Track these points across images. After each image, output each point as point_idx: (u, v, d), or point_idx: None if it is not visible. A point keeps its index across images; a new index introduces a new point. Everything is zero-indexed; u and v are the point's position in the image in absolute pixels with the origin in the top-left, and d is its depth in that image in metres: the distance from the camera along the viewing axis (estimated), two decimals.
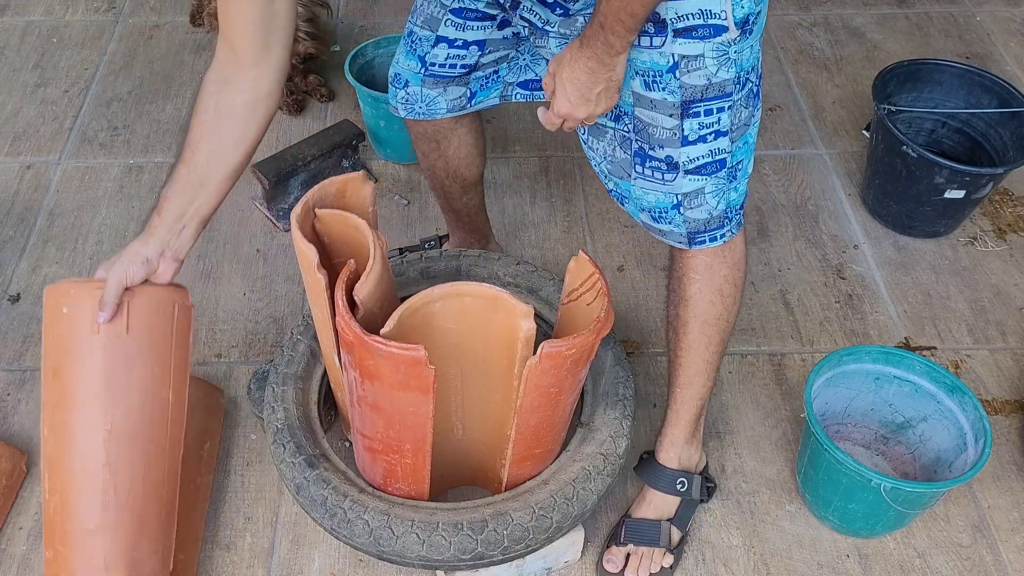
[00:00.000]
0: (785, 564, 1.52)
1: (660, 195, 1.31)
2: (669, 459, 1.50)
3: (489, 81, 1.49)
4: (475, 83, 1.49)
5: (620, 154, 1.30)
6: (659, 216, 1.33)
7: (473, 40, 1.41)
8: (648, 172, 1.29)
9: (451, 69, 1.45)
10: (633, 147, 1.28)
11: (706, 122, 1.23)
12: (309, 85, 2.37)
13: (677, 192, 1.29)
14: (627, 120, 1.26)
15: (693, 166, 1.26)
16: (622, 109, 1.26)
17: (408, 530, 1.27)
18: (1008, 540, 1.55)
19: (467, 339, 1.23)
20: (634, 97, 1.23)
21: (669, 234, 1.35)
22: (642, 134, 1.26)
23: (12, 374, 1.76)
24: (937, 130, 2.12)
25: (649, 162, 1.28)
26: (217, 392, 1.69)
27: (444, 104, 1.50)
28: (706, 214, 1.32)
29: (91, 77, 2.44)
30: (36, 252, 1.99)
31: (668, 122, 1.23)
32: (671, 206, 1.31)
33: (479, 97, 1.51)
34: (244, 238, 2.03)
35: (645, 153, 1.27)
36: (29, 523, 1.54)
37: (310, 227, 1.28)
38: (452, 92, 1.49)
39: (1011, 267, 2.00)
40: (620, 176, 1.33)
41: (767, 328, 1.87)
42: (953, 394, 1.50)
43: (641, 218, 1.36)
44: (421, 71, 1.46)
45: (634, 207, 1.36)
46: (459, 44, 1.41)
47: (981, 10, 2.71)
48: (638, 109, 1.24)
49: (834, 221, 2.10)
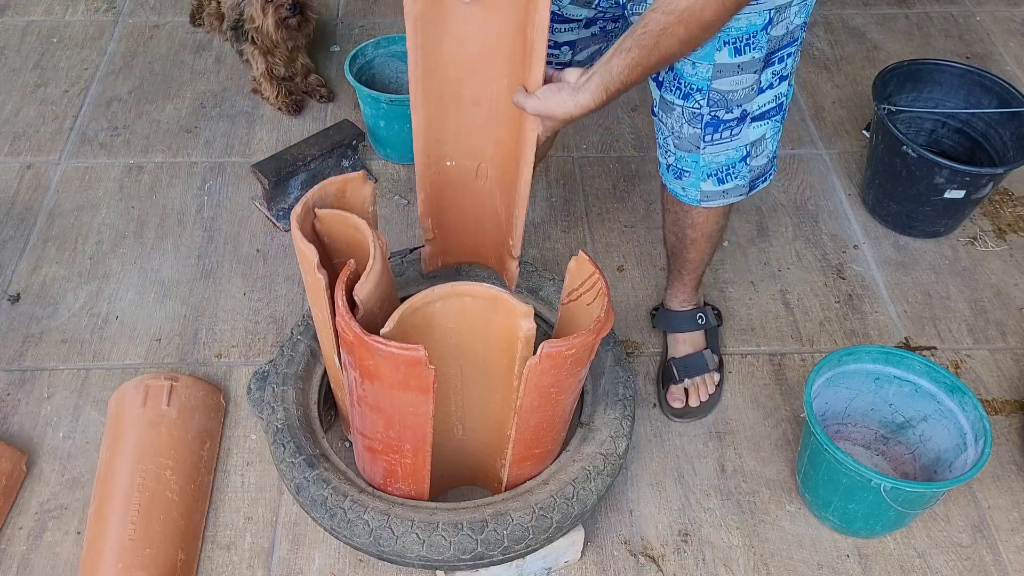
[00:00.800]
0: (785, 564, 1.52)
1: (731, 151, 1.39)
2: (684, 305, 1.74)
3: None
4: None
5: (688, 130, 1.37)
6: (726, 175, 1.42)
7: (564, 41, 1.46)
8: (719, 136, 1.36)
9: (547, 65, 1.47)
10: (704, 120, 1.35)
11: (777, 69, 1.32)
12: (309, 85, 2.37)
13: (745, 143, 1.38)
14: (699, 96, 1.32)
15: (759, 112, 1.35)
16: (694, 86, 1.31)
17: (408, 530, 1.27)
18: (1008, 540, 1.55)
19: (467, 339, 1.23)
20: (715, 70, 1.28)
21: (730, 191, 1.46)
22: (717, 104, 1.32)
23: (12, 374, 1.76)
24: (937, 130, 2.12)
25: (721, 127, 1.35)
26: (217, 393, 1.69)
27: None
28: (766, 159, 1.42)
29: (91, 77, 2.44)
30: (36, 252, 1.99)
31: (749, 79, 1.30)
32: (740, 159, 1.41)
33: None
34: (244, 238, 2.03)
35: (719, 120, 1.35)
36: (29, 523, 1.54)
37: (310, 227, 1.28)
38: None
39: (1011, 267, 2.00)
40: (688, 149, 1.40)
41: (767, 328, 1.87)
42: (953, 394, 1.50)
43: (703, 188, 1.44)
44: None
45: (696, 177, 1.43)
46: (551, 45, 1.44)
47: (981, 10, 2.71)
48: (716, 81, 1.29)
49: (834, 221, 2.10)
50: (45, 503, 1.57)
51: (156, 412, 1.56)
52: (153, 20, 2.64)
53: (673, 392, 1.70)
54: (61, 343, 1.81)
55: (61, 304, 1.88)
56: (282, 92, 2.32)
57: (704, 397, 1.69)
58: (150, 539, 1.42)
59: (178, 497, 1.49)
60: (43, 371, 1.77)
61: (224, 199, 2.12)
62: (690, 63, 1.30)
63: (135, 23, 2.63)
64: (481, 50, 1.23)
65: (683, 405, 1.69)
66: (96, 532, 1.44)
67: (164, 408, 1.57)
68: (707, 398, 1.70)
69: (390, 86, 2.26)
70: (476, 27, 1.21)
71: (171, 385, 1.60)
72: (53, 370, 1.77)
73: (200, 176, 2.17)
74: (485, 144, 1.35)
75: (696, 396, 1.69)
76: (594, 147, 2.27)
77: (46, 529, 1.54)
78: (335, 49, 2.54)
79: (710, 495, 1.61)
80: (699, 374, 1.71)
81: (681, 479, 1.63)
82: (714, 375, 1.72)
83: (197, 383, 1.65)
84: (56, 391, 1.73)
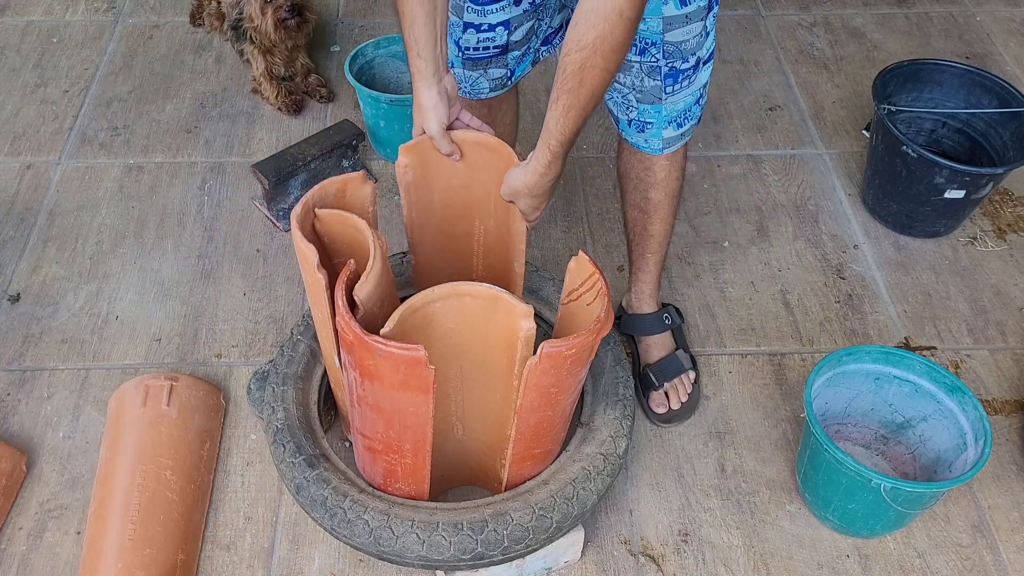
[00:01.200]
0: (785, 564, 1.52)
1: (688, 97, 1.45)
2: (649, 307, 1.76)
3: (524, 56, 1.56)
4: (513, 62, 1.55)
5: (649, 83, 1.41)
6: (684, 118, 1.48)
7: (497, 22, 1.46)
8: (679, 86, 1.42)
9: (485, 51, 1.50)
10: (663, 72, 1.39)
11: (716, 11, 1.38)
12: (309, 85, 2.37)
13: (699, 86, 1.46)
14: (654, 50, 1.36)
15: (708, 55, 1.41)
16: (648, 40, 1.36)
17: (408, 530, 1.27)
18: (1008, 540, 1.55)
19: (467, 339, 1.23)
20: (664, 23, 1.33)
21: (687, 132, 1.51)
22: (672, 55, 1.37)
23: (12, 374, 1.76)
24: (937, 130, 2.12)
25: (680, 76, 1.40)
26: (217, 393, 1.69)
27: (486, 84, 1.57)
28: (708, 94, 1.50)
29: (91, 77, 2.44)
30: (36, 252, 1.99)
31: (698, 27, 1.35)
32: (694, 101, 1.47)
33: (518, 73, 1.58)
34: (244, 238, 2.03)
35: (677, 70, 1.39)
36: (29, 523, 1.54)
37: (310, 227, 1.28)
38: (493, 72, 1.55)
39: (1011, 267, 2.00)
40: (650, 102, 1.44)
41: (767, 328, 1.87)
42: (953, 394, 1.50)
43: (664, 135, 1.49)
44: (459, 55, 1.52)
45: (659, 127, 1.48)
46: (485, 28, 1.46)
47: (981, 10, 2.71)
48: (669, 33, 1.34)
49: (834, 221, 2.10)
50: (45, 503, 1.57)
51: (156, 412, 1.56)
52: (153, 20, 2.64)
53: (655, 398, 1.70)
54: (61, 343, 1.81)
55: (61, 304, 1.89)
56: (282, 92, 2.32)
57: (684, 397, 1.70)
58: (150, 539, 1.42)
59: (178, 497, 1.49)
60: (43, 371, 1.77)
61: (224, 199, 2.12)
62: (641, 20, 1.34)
63: (135, 23, 2.63)
64: (468, 197, 1.40)
65: (667, 409, 1.69)
66: (96, 532, 1.44)
67: (164, 408, 1.57)
68: (687, 398, 1.70)
69: (390, 86, 2.26)
70: (462, 180, 1.38)
71: (171, 385, 1.60)
72: (53, 370, 1.77)
73: (200, 176, 2.17)
74: (477, 265, 1.52)
75: (676, 398, 1.70)
76: (594, 147, 2.27)
77: (46, 529, 1.54)
78: (335, 49, 2.54)
79: (710, 495, 1.61)
80: (676, 376, 1.71)
81: (681, 479, 1.63)
82: (690, 374, 1.73)
83: (197, 383, 1.65)
84: (56, 391, 1.73)
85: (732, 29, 2.63)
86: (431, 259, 1.49)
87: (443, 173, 1.37)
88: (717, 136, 2.30)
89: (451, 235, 1.47)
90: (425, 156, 1.35)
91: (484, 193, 1.39)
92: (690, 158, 2.23)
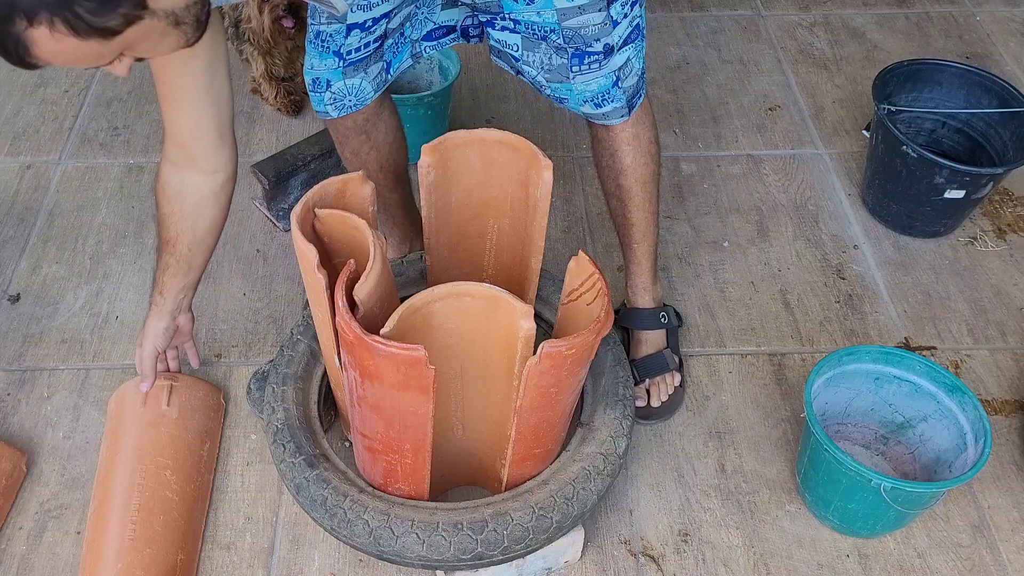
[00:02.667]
0: (785, 564, 1.52)
1: (601, 79, 1.45)
2: (646, 302, 1.75)
3: (399, 45, 1.53)
4: (388, 52, 1.52)
5: (557, 60, 1.43)
6: (602, 100, 1.49)
7: (382, 14, 1.42)
8: (586, 67, 1.43)
9: (366, 49, 1.47)
10: (568, 53, 1.41)
11: (628, 1, 1.38)
12: None
13: (614, 69, 1.45)
14: (555, 37, 1.39)
15: (622, 41, 1.41)
16: (548, 28, 1.38)
17: (408, 530, 1.27)
18: (1008, 540, 1.55)
19: (467, 339, 1.23)
20: (558, 15, 1.35)
21: (611, 113, 1.51)
22: (573, 40, 1.39)
23: (12, 374, 1.76)
24: (937, 130, 2.12)
25: (587, 58, 1.42)
26: (217, 393, 1.69)
27: (369, 86, 1.53)
28: (635, 78, 1.50)
29: (91, 77, 2.43)
30: (36, 252, 1.99)
31: (597, 17, 1.36)
32: (611, 84, 1.47)
33: (395, 64, 1.55)
34: (244, 238, 2.03)
35: (583, 52, 1.41)
36: (29, 523, 1.54)
37: (310, 227, 1.28)
38: (372, 71, 1.51)
39: (1011, 267, 2.00)
40: (560, 80, 1.46)
41: (767, 328, 1.87)
42: (953, 394, 1.50)
43: (583, 110, 1.50)
44: (340, 65, 1.48)
45: (576, 102, 1.49)
46: (369, 23, 1.42)
47: (981, 10, 2.71)
48: (564, 23, 1.36)
49: (834, 221, 2.10)
50: (45, 503, 1.57)
51: (156, 412, 1.56)
52: None
53: (637, 392, 1.68)
54: (61, 343, 1.81)
55: (61, 304, 1.89)
56: (281, 92, 2.32)
57: (664, 397, 1.69)
58: (150, 539, 1.42)
59: (178, 497, 1.49)
60: (43, 371, 1.77)
61: None
62: (535, 12, 1.37)
63: None
64: (484, 196, 1.41)
65: (645, 404, 1.69)
66: (96, 532, 1.44)
67: (164, 408, 1.57)
68: (667, 398, 1.70)
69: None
70: (480, 179, 1.38)
71: (171, 385, 1.60)
72: (53, 370, 1.77)
73: None
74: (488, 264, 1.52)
75: (657, 396, 1.69)
76: None
77: (46, 529, 1.54)
78: None
79: (710, 495, 1.61)
80: (659, 374, 1.71)
81: (681, 479, 1.63)
82: (675, 375, 1.72)
83: (197, 383, 1.65)
84: (56, 391, 1.73)
85: (732, 29, 2.63)
86: (445, 260, 1.49)
87: (461, 172, 1.36)
88: (717, 136, 2.30)
89: (465, 235, 1.46)
90: (446, 156, 1.34)
91: (500, 192, 1.38)
92: (690, 158, 2.25)
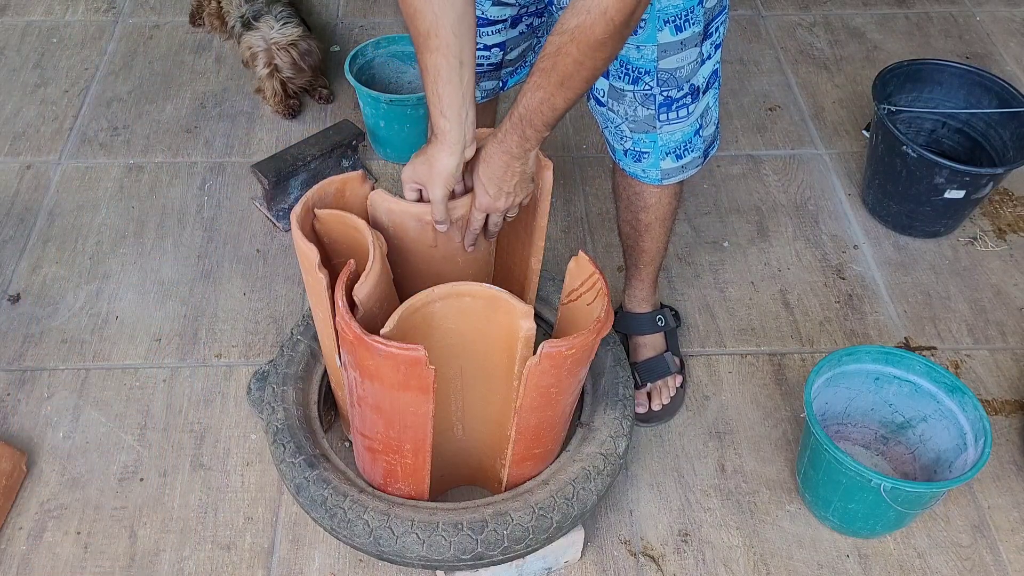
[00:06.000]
0: (785, 564, 1.52)
1: (686, 127, 1.43)
2: (642, 307, 1.75)
3: (517, 69, 1.57)
4: (505, 75, 1.57)
5: (643, 112, 1.39)
6: (684, 151, 1.45)
7: (493, 43, 1.47)
8: (674, 115, 1.39)
9: (479, 67, 1.49)
10: (657, 101, 1.37)
11: (714, 39, 1.36)
12: (308, 85, 2.37)
13: (697, 116, 1.41)
14: (648, 79, 1.35)
15: (705, 84, 1.38)
16: (642, 69, 1.34)
17: (408, 530, 1.27)
18: (1008, 540, 1.55)
19: (467, 339, 1.23)
20: (659, 51, 1.31)
21: (688, 165, 1.48)
22: (667, 83, 1.35)
23: (12, 374, 1.76)
24: (937, 130, 2.12)
25: (675, 105, 1.38)
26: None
27: (478, 94, 1.57)
28: (713, 127, 1.48)
29: (91, 77, 2.44)
30: (36, 252, 1.99)
31: (693, 53, 1.33)
32: (693, 133, 1.44)
33: (510, 83, 1.60)
34: (244, 238, 2.03)
35: (672, 99, 1.37)
36: (29, 523, 1.54)
37: (310, 227, 1.28)
38: (486, 85, 1.57)
39: (1011, 267, 2.00)
40: (645, 131, 1.42)
41: (767, 328, 1.87)
42: (953, 394, 1.50)
43: (663, 166, 1.47)
44: None
45: (656, 157, 1.45)
46: (481, 47, 1.47)
47: (981, 10, 2.71)
48: (663, 61, 1.32)
49: (834, 221, 2.10)
50: (45, 503, 1.57)
51: None
52: (153, 20, 2.64)
53: (638, 397, 1.69)
54: (61, 343, 1.81)
55: (61, 304, 1.89)
56: (281, 96, 2.31)
57: (666, 400, 1.69)
58: None
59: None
60: (43, 371, 1.77)
61: (224, 199, 2.12)
62: (635, 47, 1.33)
63: (135, 23, 2.63)
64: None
65: (646, 410, 1.68)
66: None
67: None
68: (669, 401, 1.69)
69: (390, 86, 2.26)
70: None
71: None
72: (53, 370, 1.77)
73: (200, 176, 2.17)
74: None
75: (659, 399, 1.69)
76: (594, 147, 2.27)
77: (46, 529, 1.54)
78: (335, 49, 2.54)
79: (710, 495, 1.61)
80: (660, 377, 1.70)
81: (681, 479, 1.63)
82: (676, 377, 1.72)
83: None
84: (56, 391, 1.73)
85: (732, 29, 2.63)
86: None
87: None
88: None
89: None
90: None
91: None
92: None
